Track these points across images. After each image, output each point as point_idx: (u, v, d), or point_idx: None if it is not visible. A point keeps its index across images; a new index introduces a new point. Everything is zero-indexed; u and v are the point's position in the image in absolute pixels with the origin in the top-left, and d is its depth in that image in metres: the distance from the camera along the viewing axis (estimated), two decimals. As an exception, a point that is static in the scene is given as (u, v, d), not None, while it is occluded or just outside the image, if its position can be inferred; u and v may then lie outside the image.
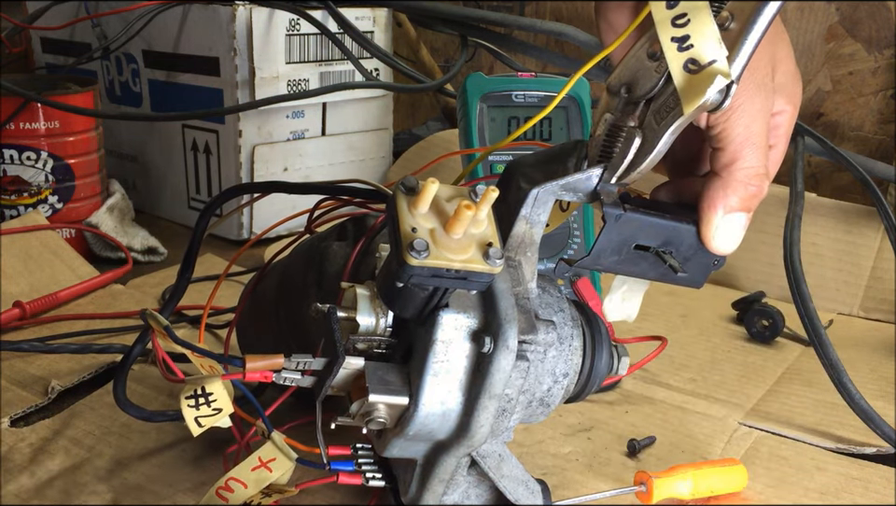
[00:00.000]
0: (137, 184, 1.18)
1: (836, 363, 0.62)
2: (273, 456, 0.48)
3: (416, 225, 0.37)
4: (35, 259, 0.86)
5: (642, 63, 0.41)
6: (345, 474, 0.47)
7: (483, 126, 0.73)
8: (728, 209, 0.42)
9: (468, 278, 0.37)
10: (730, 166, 0.41)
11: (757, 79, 0.40)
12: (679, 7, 0.39)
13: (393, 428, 0.42)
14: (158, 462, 0.56)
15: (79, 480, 0.54)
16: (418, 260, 0.36)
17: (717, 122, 0.40)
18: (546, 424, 0.63)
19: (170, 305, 0.55)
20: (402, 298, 0.38)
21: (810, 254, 0.89)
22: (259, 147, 1.05)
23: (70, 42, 1.20)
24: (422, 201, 0.37)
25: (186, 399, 0.42)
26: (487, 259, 0.37)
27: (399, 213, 0.37)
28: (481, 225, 0.38)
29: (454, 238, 0.37)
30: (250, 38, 1.00)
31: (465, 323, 0.40)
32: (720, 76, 0.37)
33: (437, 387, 0.40)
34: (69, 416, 0.61)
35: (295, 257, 0.58)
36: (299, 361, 0.41)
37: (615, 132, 0.41)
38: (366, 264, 0.50)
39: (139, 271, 0.93)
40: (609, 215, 0.41)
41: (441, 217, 0.37)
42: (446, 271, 0.36)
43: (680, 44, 0.38)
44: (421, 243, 0.36)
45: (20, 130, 0.92)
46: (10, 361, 0.69)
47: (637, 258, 0.44)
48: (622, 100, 0.41)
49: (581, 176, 0.41)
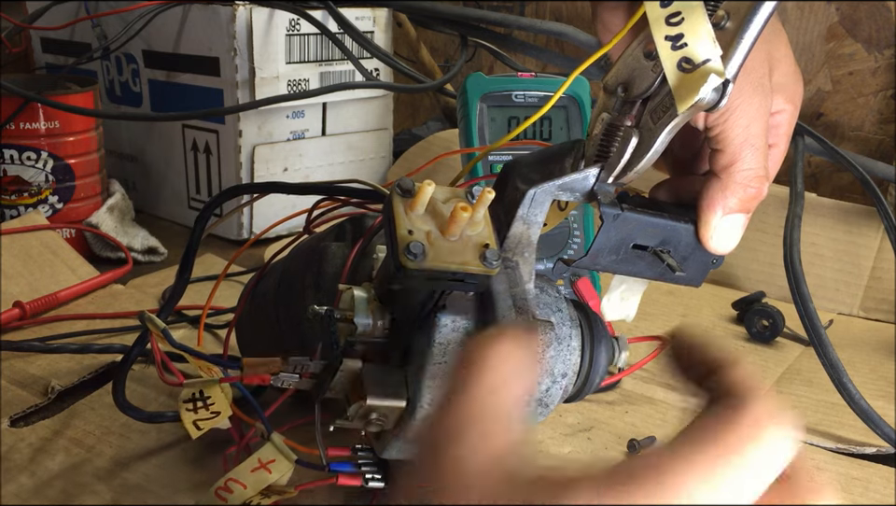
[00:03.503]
0: (137, 184, 1.18)
1: (836, 363, 0.62)
2: (273, 457, 0.48)
3: (413, 227, 0.37)
4: (35, 259, 0.86)
5: (639, 63, 0.41)
6: (345, 476, 0.47)
7: (483, 126, 0.73)
8: (727, 210, 0.42)
9: (465, 280, 0.37)
10: (729, 168, 0.41)
11: (754, 80, 0.40)
12: (672, 5, 0.39)
13: (392, 429, 0.42)
14: (158, 462, 0.56)
15: (79, 480, 0.54)
16: (415, 262, 0.36)
17: (715, 124, 0.40)
18: (546, 424, 0.63)
19: (169, 306, 0.55)
20: (399, 300, 0.38)
21: (810, 254, 0.89)
22: (259, 147, 1.05)
23: (70, 42, 1.20)
24: (418, 203, 0.37)
25: (184, 402, 0.42)
26: (484, 260, 0.37)
27: (396, 215, 0.37)
28: (477, 226, 0.38)
29: (450, 240, 0.37)
30: (250, 38, 1.00)
31: (462, 325, 0.40)
32: (713, 74, 0.37)
33: (435, 389, 0.40)
34: (69, 416, 0.61)
35: (294, 257, 0.58)
36: (297, 364, 0.41)
37: (612, 131, 0.41)
38: (364, 265, 0.50)
39: (139, 271, 0.93)
40: (607, 214, 0.41)
41: (438, 219, 0.37)
42: (443, 273, 0.36)
43: (674, 43, 0.38)
44: (417, 245, 0.36)
45: (20, 130, 0.92)
46: (10, 361, 0.69)
47: (635, 257, 0.44)
48: (618, 99, 0.41)
49: (579, 176, 0.41)
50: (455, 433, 0.24)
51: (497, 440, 0.24)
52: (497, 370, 0.24)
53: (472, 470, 0.23)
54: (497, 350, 0.25)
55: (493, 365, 0.25)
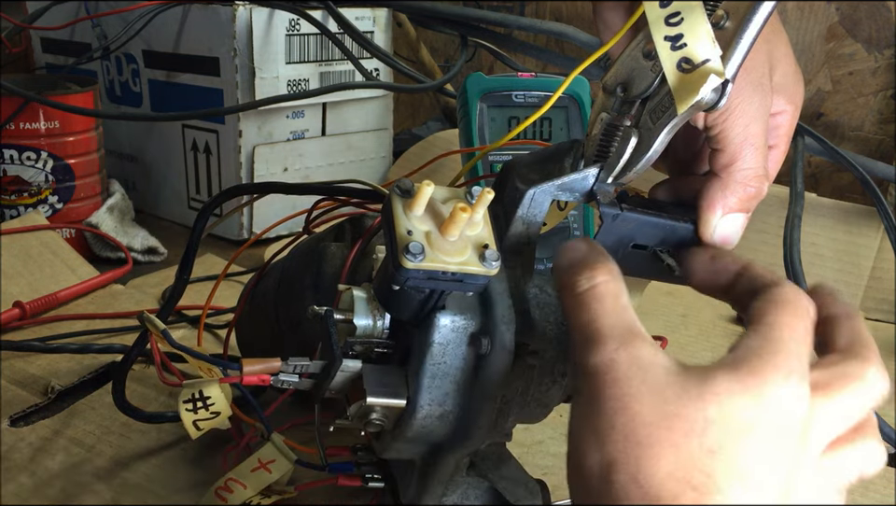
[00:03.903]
0: (137, 184, 1.18)
1: (836, 363, 0.62)
2: (273, 457, 0.48)
3: (412, 228, 0.37)
4: (35, 259, 0.86)
5: (638, 62, 0.41)
6: (345, 476, 0.47)
7: (484, 126, 0.73)
8: (727, 210, 0.42)
9: (464, 281, 0.37)
10: (729, 167, 0.41)
11: (753, 80, 0.40)
12: (672, 5, 0.38)
13: (391, 429, 0.42)
14: (158, 462, 0.56)
15: (79, 479, 0.54)
16: (414, 263, 0.36)
17: (715, 123, 0.40)
18: (546, 424, 0.62)
19: (168, 306, 0.55)
20: (399, 301, 0.38)
21: (810, 254, 0.89)
22: (259, 148, 1.05)
23: (70, 42, 1.20)
24: (417, 203, 0.37)
25: (184, 403, 0.42)
26: (483, 260, 0.37)
27: (395, 216, 0.37)
28: (476, 227, 0.38)
29: (449, 240, 0.37)
30: (250, 38, 1.00)
31: (462, 325, 0.40)
32: (713, 75, 0.37)
33: (434, 389, 0.40)
34: (69, 416, 0.61)
35: (293, 257, 0.58)
36: (296, 364, 0.41)
37: (611, 131, 0.41)
38: (363, 265, 0.50)
39: (139, 271, 0.93)
40: (606, 215, 0.41)
41: (437, 220, 0.37)
42: (442, 273, 0.36)
43: (674, 43, 0.38)
44: (416, 246, 0.36)
45: (20, 130, 0.92)
46: (10, 361, 0.69)
47: (634, 257, 0.44)
48: (618, 99, 0.41)
49: (578, 176, 0.41)
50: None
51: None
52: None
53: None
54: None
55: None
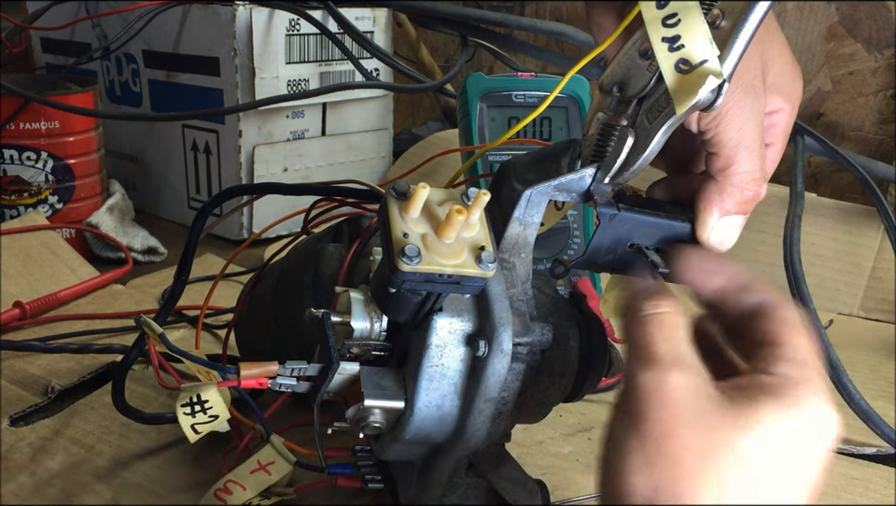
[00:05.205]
0: (137, 184, 1.18)
1: (836, 363, 0.62)
2: (272, 459, 0.48)
3: (408, 230, 0.37)
4: (35, 259, 0.86)
5: (634, 62, 0.41)
6: (344, 477, 0.47)
7: (484, 126, 0.73)
8: (724, 212, 0.42)
9: (460, 283, 0.37)
10: (725, 170, 0.41)
11: (745, 82, 0.40)
12: (669, 6, 0.38)
13: (390, 432, 0.42)
14: (158, 462, 0.56)
15: (79, 480, 0.54)
16: (410, 265, 0.36)
17: (708, 127, 0.40)
18: (546, 424, 0.63)
19: (167, 307, 0.56)
20: (396, 303, 0.38)
21: (810, 254, 0.89)
22: (259, 148, 1.05)
23: (70, 42, 1.20)
24: (413, 206, 0.37)
25: (181, 406, 0.42)
26: (480, 262, 0.37)
27: (391, 218, 0.37)
28: (473, 228, 0.38)
29: (445, 243, 0.37)
30: (250, 38, 1.00)
31: (459, 327, 0.40)
32: (711, 76, 0.37)
33: (432, 392, 0.40)
34: (69, 416, 0.61)
35: (291, 258, 0.58)
36: (294, 367, 0.41)
37: (608, 131, 0.41)
38: (361, 266, 0.50)
39: (139, 271, 0.93)
40: (603, 214, 0.41)
41: (433, 222, 0.37)
42: (439, 276, 0.36)
43: (671, 44, 0.38)
44: (413, 249, 0.36)
45: (20, 130, 0.92)
46: (10, 361, 0.69)
47: (632, 257, 0.43)
48: (614, 99, 0.41)
49: (575, 176, 0.41)
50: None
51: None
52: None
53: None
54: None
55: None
